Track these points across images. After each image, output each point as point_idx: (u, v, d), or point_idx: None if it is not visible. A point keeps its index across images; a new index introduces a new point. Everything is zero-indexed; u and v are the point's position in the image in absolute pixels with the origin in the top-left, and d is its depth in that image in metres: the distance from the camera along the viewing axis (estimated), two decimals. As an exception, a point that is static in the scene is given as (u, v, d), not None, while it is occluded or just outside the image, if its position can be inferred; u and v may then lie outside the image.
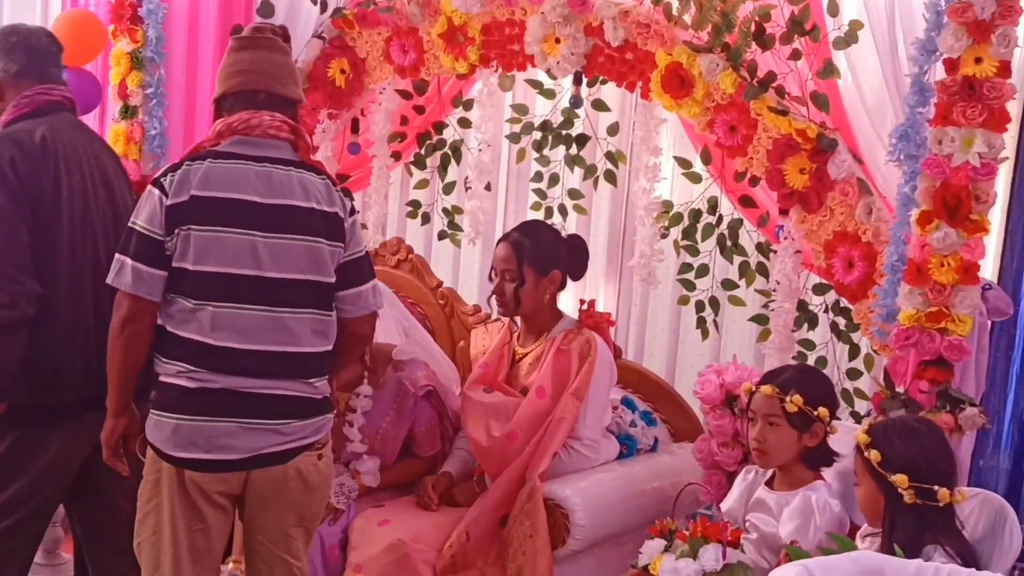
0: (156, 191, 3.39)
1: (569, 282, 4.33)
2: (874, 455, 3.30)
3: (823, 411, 3.70)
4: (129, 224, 3.44)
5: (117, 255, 3.42)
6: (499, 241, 4.34)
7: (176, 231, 3.37)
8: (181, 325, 3.42)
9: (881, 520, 3.35)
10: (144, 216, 3.39)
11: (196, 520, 3.49)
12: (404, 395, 4.40)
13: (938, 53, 3.79)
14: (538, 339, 4.25)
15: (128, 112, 5.47)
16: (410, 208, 5.63)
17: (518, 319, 4.34)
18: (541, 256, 4.24)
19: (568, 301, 4.45)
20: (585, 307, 4.34)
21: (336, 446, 4.12)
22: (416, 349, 4.49)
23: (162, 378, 3.45)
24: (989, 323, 3.97)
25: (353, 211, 3.65)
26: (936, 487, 3.26)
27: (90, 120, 5.95)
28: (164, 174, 3.44)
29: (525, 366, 4.23)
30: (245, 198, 3.42)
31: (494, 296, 4.30)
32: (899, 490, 3.27)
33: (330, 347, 3.59)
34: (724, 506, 3.88)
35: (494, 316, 4.42)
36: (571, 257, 4.32)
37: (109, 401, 3.57)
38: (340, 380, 3.99)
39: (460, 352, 4.88)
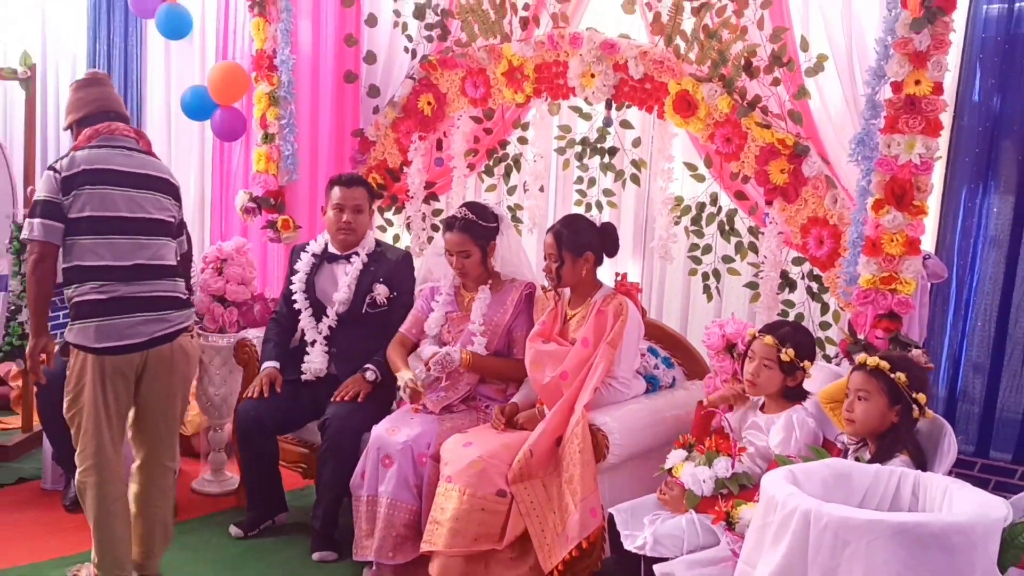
0: (51, 173, 3.81)
1: (608, 258, 4.33)
2: (901, 377, 3.30)
3: (807, 364, 3.72)
4: (34, 199, 3.86)
5: (26, 219, 3.86)
6: (547, 232, 4.36)
7: (72, 193, 3.78)
8: (84, 256, 3.79)
9: (874, 435, 3.35)
10: (45, 190, 3.80)
11: (110, 392, 3.85)
12: (514, 291, 4.55)
13: (886, 77, 3.78)
14: (583, 303, 4.25)
15: (267, 138, 5.51)
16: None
17: (567, 289, 4.35)
18: (576, 242, 4.22)
19: (608, 273, 4.45)
20: (619, 278, 4.35)
21: (457, 331, 4.55)
22: (521, 271, 4.63)
23: (77, 298, 3.81)
24: (929, 284, 3.97)
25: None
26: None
27: (237, 146, 6.01)
28: (56, 163, 3.85)
29: (574, 324, 4.24)
30: (115, 168, 3.88)
31: (544, 273, 4.34)
32: (916, 407, 3.30)
33: (176, 262, 4.04)
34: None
35: (548, 287, 4.44)
36: (604, 240, 4.29)
37: (31, 325, 4.03)
38: None
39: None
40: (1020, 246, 4.16)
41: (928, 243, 4.02)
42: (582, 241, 4.23)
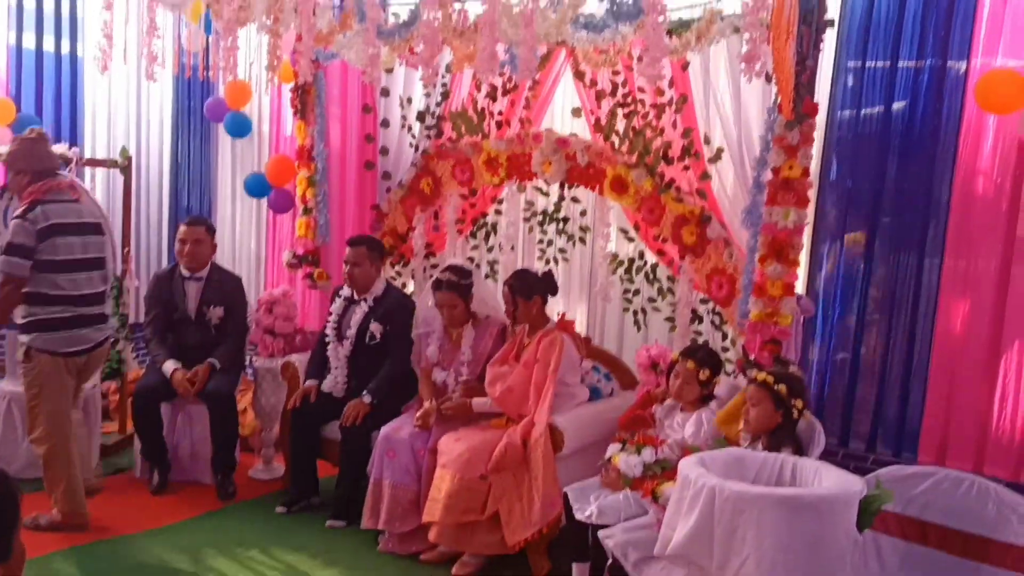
0: (27, 223, 3.91)
1: (551, 297, 4.31)
2: (782, 388, 3.28)
3: (717, 379, 3.71)
4: (9, 241, 3.95)
5: (2, 256, 3.95)
6: (503, 284, 4.36)
7: (46, 241, 3.94)
8: (50, 286, 4.01)
9: (765, 431, 3.31)
10: (21, 237, 3.92)
11: (68, 381, 4.15)
12: (491, 327, 4.46)
13: (768, 164, 3.78)
14: (534, 335, 4.23)
15: (307, 211, 5.48)
16: (468, 261, 5.60)
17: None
18: (525, 290, 4.20)
19: (569, 310, 4.42)
20: (559, 316, 4.32)
21: (449, 360, 4.48)
22: (494, 313, 4.52)
23: (44, 316, 4.02)
24: (802, 317, 3.97)
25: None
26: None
27: (286, 217, 5.99)
28: (25, 213, 3.93)
29: (527, 350, 4.21)
30: (72, 221, 4.05)
31: (505, 314, 4.34)
32: (795, 410, 3.28)
33: (105, 288, 4.28)
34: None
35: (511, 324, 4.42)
36: (546, 286, 4.28)
37: None
38: None
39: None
40: (868, 289, 4.17)
41: (800, 287, 4.02)
42: (530, 288, 4.21)
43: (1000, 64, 3.68)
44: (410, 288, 5.59)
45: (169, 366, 4.75)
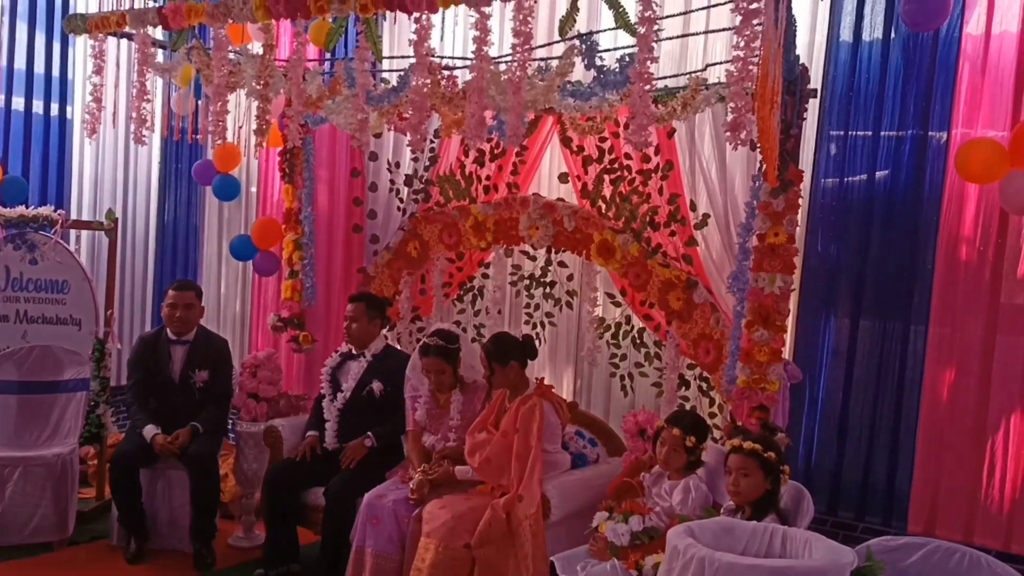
0: None
1: (530, 361, 4.26)
2: (772, 456, 3.25)
3: (704, 446, 3.67)
4: None
5: None
6: (481, 348, 4.33)
7: None
8: None
9: (753, 499, 3.26)
10: None
11: None
12: (479, 392, 4.37)
13: (754, 230, 3.80)
14: (514, 399, 4.13)
15: (293, 274, 5.47)
16: (455, 325, 5.58)
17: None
18: (500, 355, 4.14)
19: (555, 374, 4.38)
20: (538, 381, 4.24)
21: (437, 424, 4.38)
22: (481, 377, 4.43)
23: None
24: (789, 384, 3.96)
25: None
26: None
27: (272, 280, 5.98)
28: None
29: (507, 417, 4.10)
30: None
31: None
32: (783, 476, 3.25)
33: None
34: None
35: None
36: (525, 350, 4.23)
37: None
38: None
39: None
40: (855, 356, 4.18)
41: (787, 353, 4.02)
42: (506, 354, 4.16)
43: (980, 134, 3.75)
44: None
45: (150, 430, 4.69)
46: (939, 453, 3.89)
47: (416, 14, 3.26)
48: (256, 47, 4.58)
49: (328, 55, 5.01)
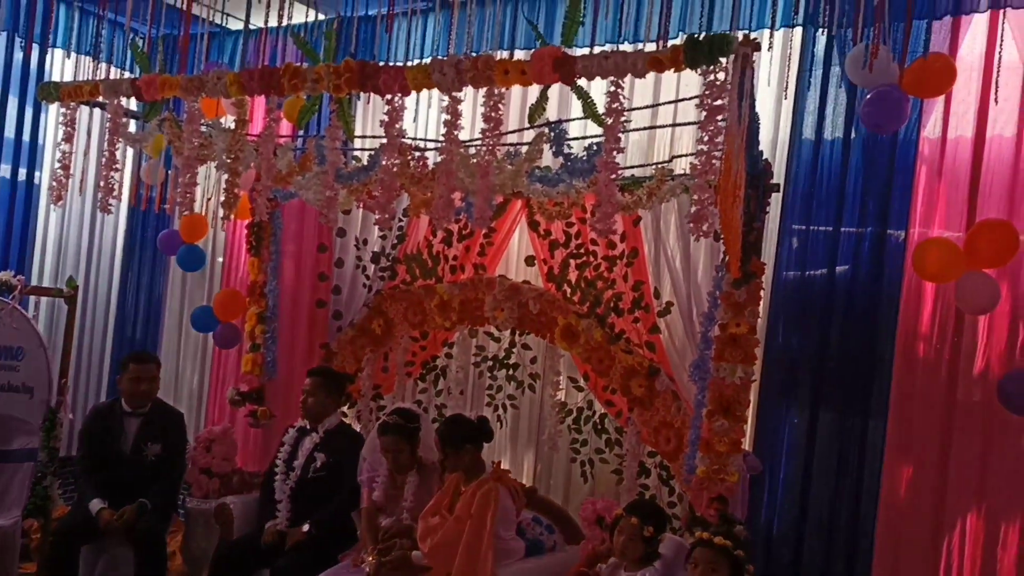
0: None
1: (510, 443, 4.22)
2: (741, 553, 3.26)
3: (662, 537, 3.64)
4: None
5: None
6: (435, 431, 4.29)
7: None
8: None
9: None
10: None
11: None
12: (435, 473, 4.30)
13: (716, 320, 3.82)
14: (470, 482, 4.09)
15: (255, 347, 5.43)
16: (416, 404, 5.53)
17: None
18: (454, 439, 4.10)
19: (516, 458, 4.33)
20: (495, 465, 4.18)
21: (395, 506, 4.31)
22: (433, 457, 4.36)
23: None
24: (748, 475, 3.95)
25: None
26: None
27: (233, 352, 5.92)
28: None
29: (461, 500, 4.05)
30: None
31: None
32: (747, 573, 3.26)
33: None
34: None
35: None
36: (480, 432, 4.19)
37: None
38: None
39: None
40: (814, 448, 4.18)
41: (748, 444, 4.01)
42: (461, 437, 4.12)
43: (936, 234, 3.84)
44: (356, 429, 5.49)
45: (96, 504, 4.56)
46: (897, 550, 3.87)
47: (389, 96, 3.32)
48: (229, 120, 4.62)
49: (301, 131, 5.06)
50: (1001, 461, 3.68)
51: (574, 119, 3.97)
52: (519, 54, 4.76)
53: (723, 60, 2.76)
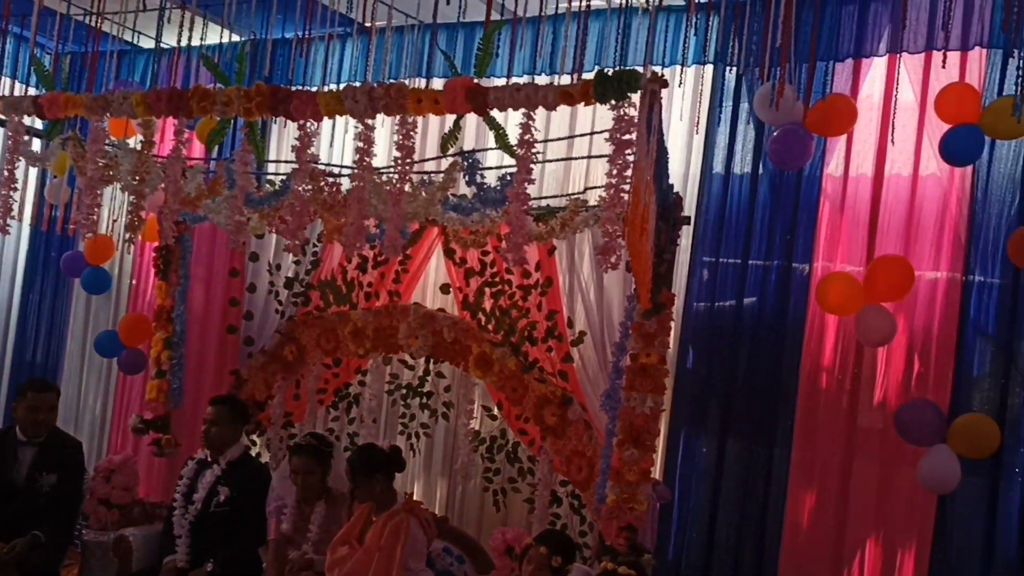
0: None
1: (423, 472, 4.18)
2: None
3: (570, 567, 3.64)
4: None
5: None
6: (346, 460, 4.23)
7: None
8: None
9: None
10: None
11: None
12: (344, 503, 4.23)
13: (627, 350, 3.83)
14: (380, 513, 4.02)
15: (160, 374, 5.27)
16: (328, 432, 5.45)
17: None
18: (364, 468, 4.04)
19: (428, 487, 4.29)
20: (406, 495, 4.16)
21: (303, 535, 4.24)
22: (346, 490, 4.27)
23: None
24: (658, 504, 3.98)
25: None
26: None
27: (138, 379, 5.74)
28: None
29: (372, 531, 3.98)
30: None
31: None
32: None
33: None
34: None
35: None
36: (391, 462, 4.15)
37: None
38: None
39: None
40: (722, 477, 4.24)
41: (657, 473, 4.05)
42: (371, 466, 4.05)
43: (839, 268, 3.96)
44: (265, 458, 5.37)
45: None
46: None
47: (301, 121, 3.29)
48: (138, 141, 4.52)
49: (214, 154, 4.97)
50: (899, 490, 3.79)
51: (491, 148, 3.96)
52: (437, 82, 4.77)
53: (632, 95, 2.81)
